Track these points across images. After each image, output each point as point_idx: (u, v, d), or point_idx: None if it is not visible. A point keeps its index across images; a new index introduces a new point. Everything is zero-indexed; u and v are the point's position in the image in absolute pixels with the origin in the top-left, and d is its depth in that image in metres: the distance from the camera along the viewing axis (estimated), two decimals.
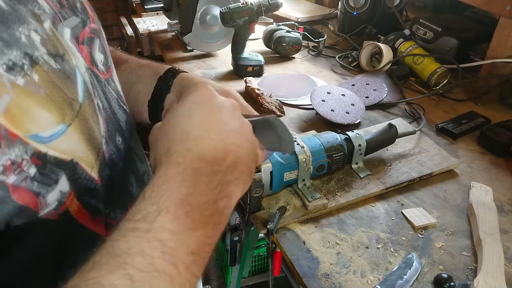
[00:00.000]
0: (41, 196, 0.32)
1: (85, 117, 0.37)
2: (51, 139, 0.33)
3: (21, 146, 0.30)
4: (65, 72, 0.36)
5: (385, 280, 0.63)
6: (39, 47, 0.33)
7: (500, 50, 1.08)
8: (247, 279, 1.55)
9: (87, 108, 0.38)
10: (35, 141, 0.31)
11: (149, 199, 0.33)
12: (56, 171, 0.33)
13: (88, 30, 0.43)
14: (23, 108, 0.31)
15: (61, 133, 0.34)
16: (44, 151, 0.32)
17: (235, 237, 1.35)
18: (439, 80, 1.16)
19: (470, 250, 0.69)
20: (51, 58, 0.35)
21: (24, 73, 0.31)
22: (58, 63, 0.35)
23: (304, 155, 0.74)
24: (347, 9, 1.48)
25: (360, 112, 1.00)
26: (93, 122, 0.39)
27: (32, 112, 0.31)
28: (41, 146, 0.32)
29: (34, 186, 0.32)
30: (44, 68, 0.33)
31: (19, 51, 0.31)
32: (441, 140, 0.97)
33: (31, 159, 0.31)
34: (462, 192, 0.81)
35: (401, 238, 0.71)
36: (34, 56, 0.32)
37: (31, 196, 0.32)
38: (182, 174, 0.34)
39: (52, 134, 0.33)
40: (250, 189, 0.69)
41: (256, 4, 1.16)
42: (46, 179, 0.33)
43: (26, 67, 0.31)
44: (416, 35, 1.33)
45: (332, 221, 0.74)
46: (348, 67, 1.30)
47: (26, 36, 0.32)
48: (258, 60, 1.22)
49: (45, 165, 0.32)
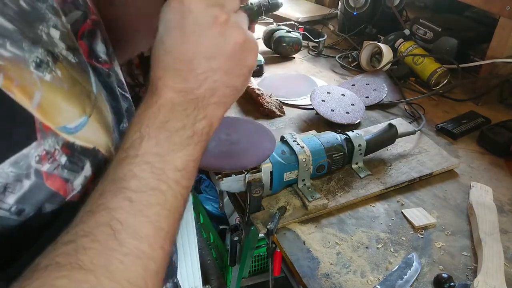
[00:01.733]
0: (69, 183, 0.36)
1: (100, 107, 0.40)
2: (77, 130, 0.36)
3: (53, 137, 0.33)
4: (81, 65, 0.38)
5: (385, 280, 0.63)
6: (58, 44, 0.35)
7: (500, 50, 1.08)
8: (247, 279, 1.55)
9: (99, 98, 0.41)
10: (64, 132, 0.34)
11: (133, 127, 0.36)
12: (82, 158, 0.37)
13: (89, 23, 0.44)
14: (51, 102, 0.33)
15: (84, 124, 0.37)
16: (72, 141, 0.35)
17: (235, 237, 1.35)
18: (439, 80, 1.16)
19: (470, 250, 0.69)
20: (70, 52, 0.37)
21: (50, 69, 0.33)
22: (76, 56, 0.38)
23: (304, 155, 0.74)
24: (347, 9, 1.48)
25: (360, 112, 1.00)
26: (106, 111, 0.42)
27: (59, 106, 0.34)
28: (69, 137, 0.35)
29: (65, 173, 0.35)
30: (64, 64, 0.35)
31: (43, 49, 0.33)
32: (441, 140, 0.97)
33: (61, 149, 0.34)
34: (462, 192, 0.81)
35: (401, 238, 0.71)
36: (55, 53, 0.34)
37: (61, 182, 0.35)
38: (157, 103, 0.36)
39: (77, 125, 0.36)
40: (250, 189, 0.69)
41: (256, 4, 1.16)
42: (74, 167, 0.36)
43: (51, 63, 0.34)
44: (416, 35, 1.33)
45: (332, 221, 0.74)
46: (348, 67, 1.30)
47: (46, 34, 0.34)
48: (258, 60, 1.22)
49: (74, 153, 0.36)
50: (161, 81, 0.36)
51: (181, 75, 0.36)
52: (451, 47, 1.21)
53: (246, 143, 0.72)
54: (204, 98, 0.37)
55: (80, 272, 0.29)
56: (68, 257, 0.30)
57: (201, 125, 0.37)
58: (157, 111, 0.35)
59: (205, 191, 1.91)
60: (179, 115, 0.36)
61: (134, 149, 0.34)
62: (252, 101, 1.08)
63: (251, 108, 1.06)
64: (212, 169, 0.69)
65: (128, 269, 0.31)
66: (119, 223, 0.32)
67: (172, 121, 0.35)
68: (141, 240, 0.32)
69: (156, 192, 0.34)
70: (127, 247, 0.31)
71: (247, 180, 0.70)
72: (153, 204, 0.33)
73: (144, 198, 0.33)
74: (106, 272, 0.30)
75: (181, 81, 0.36)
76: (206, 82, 0.36)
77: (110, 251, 0.31)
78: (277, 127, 0.99)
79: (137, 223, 0.32)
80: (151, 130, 0.35)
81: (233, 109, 1.07)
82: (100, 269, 0.30)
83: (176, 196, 0.35)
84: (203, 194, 1.89)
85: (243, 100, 1.10)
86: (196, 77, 0.36)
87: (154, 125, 0.35)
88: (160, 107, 0.35)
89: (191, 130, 0.36)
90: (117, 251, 0.31)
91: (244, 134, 0.74)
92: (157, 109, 0.35)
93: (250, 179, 0.70)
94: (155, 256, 0.33)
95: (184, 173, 0.36)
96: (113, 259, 0.30)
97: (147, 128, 0.35)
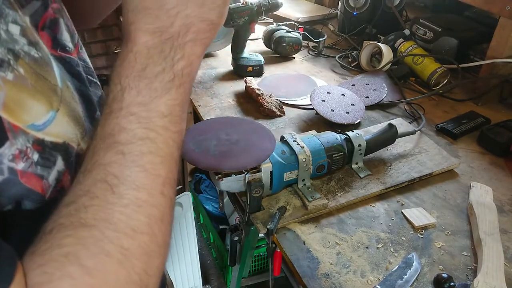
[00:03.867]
0: (44, 179, 0.36)
1: (67, 100, 0.40)
2: (45, 126, 0.36)
3: (24, 135, 0.34)
4: (44, 59, 0.38)
5: (385, 280, 0.63)
6: (18, 40, 0.35)
7: (500, 50, 1.08)
8: (247, 279, 1.55)
9: (66, 91, 0.41)
10: (33, 130, 0.34)
11: (113, 81, 0.35)
12: (53, 153, 0.37)
13: (51, 12, 0.43)
14: (17, 101, 0.33)
15: (52, 119, 0.37)
16: (41, 138, 0.35)
17: (235, 237, 1.35)
18: (439, 80, 1.16)
19: (470, 250, 0.69)
20: (32, 47, 0.37)
21: (12, 68, 0.33)
22: (38, 50, 0.37)
23: (304, 155, 0.74)
24: (347, 9, 1.48)
25: (360, 112, 1.00)
26: (74, 103, 0.42)
27: (25, 104, 0.34)
28: (38, 134, 0.35)
29: (38, 170, 0.35)
30: (26, 61, 0.35)
31: (3, 48, 0.33)
32: (441, 140, 0.97)
33: (33, 146, 0.34)
34: (462, 192, 0.81)
35: (401, 238, 0.71)
36: (15, 51, 0.34)
37: (36, 179, 0.35)
38: (132, 51, 0.35)
39: (45, 121, 0.36)
40: (250, 189, 0.69)
41: (256, 4, 1.16)
42: (46, 162, 0.36)
43: (12, 61, 0.33)
44: (416, 35, 1.33)
45: (332, 221, 0.74)
46: (348, 67, 1.30)
47: (4, 31, 0.34)
48: (258, 60, 1.22)
49: (44, 149, 0.36)
50: (133, 26, 0.35)
51: (151, 14, 0.34)
52: (451, 47, 1.21)
53: (246, 143, 0.72)
54: (179, 36, 0.35)
55: (84, 229, 0.30)
56: (70, 217, 0.30)
57: (180, 66, 0.35)
58: (133, 60, 0.34)
59: (205, 191, 1.91)
60: (156, 59, 0.34)
61: (117, 102, 0.34)
62: (252, 101, 1.08)
63: (251, 108, 1.06)
64: (212, 169, 0.69)
65: (130, 218, 0.31)
66: (114, 177, 0.32)
67: (150, 66, 0.34)
68: (138, 189, 0.32)
69: (146, 141, 0.34)
70: (126, 198, 0.32)
71: (247, 180, 0.70)
72: (145, 153, 0.33)
73: (135, 148, 0.33)
74: (109, 224, 0.30)
75: (153, 21, 0.34)
76: (178, 18, 0.35)
77: (110, 205, 0.31)
78: (277, 127, 0.99)
79: (132, 173, 0.33)
80: (130, 80, 0.34)
81: (233, 109, 1.07)
82: (102, 223, 0.30)
83: (167, 142, 0.35)
84: (203, 194, 1.89)
85: (243, 100, 1.11)
86: (167, 13, 0.34)
87: (132, 74, 0.34)
88: (136, 54, 0.34)
89: (171, 73, 0.35)
90: (116, 204, 0.31)
91: (244, 134, 0.74)
92: (133, 58, 0.34)
93: (250, 179, 0.70)
94: (156, 203, 0.33)
95: (171, 118, 0.35)
96: (114, 212, 0.31)
97: (126, 79, 0.34)
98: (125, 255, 0.30)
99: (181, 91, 0.36)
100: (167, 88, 0.35)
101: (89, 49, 2.43)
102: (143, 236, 0.32)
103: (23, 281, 0.28)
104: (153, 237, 0.33)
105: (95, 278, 0.29)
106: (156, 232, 0.33)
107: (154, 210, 0.33)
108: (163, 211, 0.34)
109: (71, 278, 0.28)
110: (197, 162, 0.69)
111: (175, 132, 0.36)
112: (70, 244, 0.29)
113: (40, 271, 0.28)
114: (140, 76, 0.34)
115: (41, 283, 0.28)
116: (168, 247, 0.35)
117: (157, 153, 0.34)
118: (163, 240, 0.34)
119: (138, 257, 0.31)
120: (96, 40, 2.42)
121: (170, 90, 0.35)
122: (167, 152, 0.35)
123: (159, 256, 0.33)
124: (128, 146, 0.33)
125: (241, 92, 1.14)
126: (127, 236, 0.31)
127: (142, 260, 0.32)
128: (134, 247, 0.31)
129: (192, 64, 0.36)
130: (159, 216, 0.34)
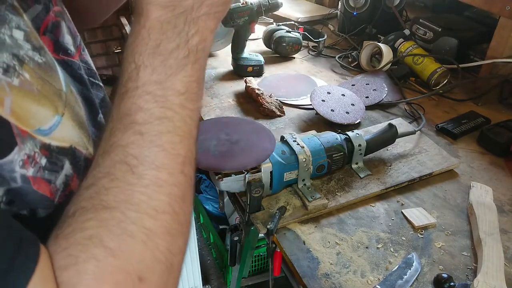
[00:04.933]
0: (52, 183, 0.36)
1: (71, 104, 0.40)
2: (51, 131, 0.36)
3: (31, 140, 0.33)
4: (49, 64, 0.38)
5: (385, 280, 0.63)
6: (23, 45, 0.35)
7: (500, 50, 1.08)
8: (247, 279, 1.55)
9: (70, 95, 0.41)
10: (40, 135, 0.34)
11: (127, 59, 0.34)
12: (60, 158, 0.37)
13: (52, 15, 0.43)
14: (23, 106, 0.33)
15: (58, 124, 0.37)
16: (48, 142, 0.35)
17: (235, 237, 1.35)
18: (439, 80, 1.16)
19: (470, 250, 0.69)
20: (36, 52, 0.37)
21: (17, 73, 0.33)
22: (42, 55, 0.37)
23: (304, 155, 0.74)
24: (347, 9, 1.48)
25: (360, 112, 1.00)
26: (78, 107, 0.42)
27: (31, 109, 0.34)
28: (45, 138, 0.35)
29: (46, 174, 0.35)
30: (31, 66, 0.35)
31: (7, 53, 0.33)
32: (441, 140, 0.97)
33: (40, 151, 0.34)
34: (462, 192, 0.81)
35: (401, 238, 0.71)
36: (20, 56, 0.34)
37: (45, 184, 0.35)
38: (145, 27, 0.34)
39: (51, 126, 0.36)
40: (250, 189, 0.69)
41: (256, 4, 1.16)
42: (54, 167, 0.36)
43: (17, 67, 0.33)
44: (416, 35, 1.33)
45: (332, 221, 0.74)
46: (348, 67, 1.30)
47: (9, 37, 0.34)
48: (258, 60, 1.22)
49: (52, 154, 0.36)
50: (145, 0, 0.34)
51: None
52: (451, 47, 1.21)
53: (246, 143, 0.72)
54: (192, 10, 0.34)
55: (105, 212, 0.30)
56: (91, 200, 0.31)
57: (195, 41, 0.34)
58: (146, 36, 0.33)
59: (205, 191, 1.91)
60: (170, 35, 0.34)
61: (132, 81, 0.33)
62: (252, 101, 1.08)
63: (251, 108, 1.06)
64: (212, 169, 0.69)
65: (151, 198, 0.31)
66: (134, 158, 0.32)
67: (164, 42, 0.33)
68: (158, 169, 0.32)
69: (163, 121, 0.33)
70: (147, 179, 0.32)
71: (247, 180, 0.70)
72: (164, 132, 0.33)
73: (153, 128, 0.33)
74: (130, 205, 0.31)
75: None
76: None
77: (130, 186, 0.31)
78: (277, 127, 0.99)
79: (151, 154, 0.32)
80: (144, 57, 0.33)
81: (233, 109, 1.07)
82: (123, 204, 0.31)
83: (185, 120, 0.34)
84: (203, 194, 1.89)
85: (243, 100, 1.11)
86: None
87: (146, 51, 0.33)
88: (149, 30, 0.33)
89: (186, 49, 0.34)
90: (137, 184, 0.31)
91: (244, 134, 0.74)
92: (146, 34, 0.34)
93: (250, 179, 0.70)
94: (176, 182, 0.33)
95: (188, 96, 0.35)
96: (134, 193, 0.31)
97: (140, 57, 0.33)
98: (148, 235, 0.31)
99: (196, 67, 0.35)
100: (182, 65, 0.34)
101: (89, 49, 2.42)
102: (165, 215, 0.32)
103: (49, 262, 0.28)
104: (175, 216, 0.33)
105: (119, 259, 0.29)
106: (177, 211, 0.33)
107: (175, 189, 0.33)
108: (183, 190, 0.34)
109: (96, 260, 0.28)
110: (197, 162, 0.68)
111: (192, 110, 0.35)
112: (92, 226, 0.29)
113: (65, 254, 0.29)
114: (154, 53, 0.33)
115: (67, 266, 0.28)
116: (190, 226, 0.35)
117: (175, 132, 0.34)
118: (185, 219, 0.34)
119: (161, 236, 0.31)
120: (96, 40, 2.41)
121: (186, 67, 0.34)
122: (186, 130, 0.35)
123: (181, 235, 0.34)
124: (145, 126, 0.33)
125: (241, 92, 1.14)
126: (149, 216, 0.31)
127: (165, 240, 0.32)
128: (156, 227, 0.31)
129: (206, 40, 0.36)
130: (180, 195, 0.34)
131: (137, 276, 0.29)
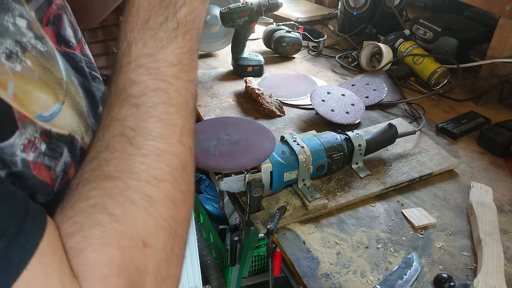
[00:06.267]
0: (52, 170, 0.36)
1: (72, 93, 0.41)
2: (52, 118, 0.36)
3: (32, 126, 0.34)
4: (50, 53, 0.38)
5: (385, 280, 0.63)
6: (26, 33, 0.36)
7: (500, 50, 1.08)
8: (247, 279, 1.55)
9: (70, 85, 0.41)
10: (41, 121, 0.35)
11: (120, 37, 0.35)
12: (60, 145, 0.38)
13: (54, 8, 0.43)
14: (25, 92, 0.34)
15: (58, 111, 0.37)
16: (48, 129, 0.36)
17: (235, 237, 1.35)
18: (439, 80, 1.16)
19: (470, 250, 0.69)
20: (38, 41, 0.37)
21: (20, 60, 0.34)
22: (44, 44, 0.38)
23: (304, 155, 0.74)
24: (347, 9, 1.48)
25: (360, 112, 1.00)
26: (78, 98, 0.42)
27: (33, 95, 0.34)
28: (46, 125, 0.36)
29: (46, 160, 0.36)
30: (33, 53, 0.36)
31: (11, 40, 0.33)
32: (441, 140, 0.97)
33: (40, 137, 0.35)
34: (462, 192, 0.81)
35: (401, 238, 0.71)
36: (23, 43, 0.35)
37: (46, 170, 0.36)
38: (134, 5, 0.35)
39: (52, 113, 0.36)
40: (250, 189, 0.69)
41: (256, 4, 1.16)
42: (54, 153, 0.37)
43: (20, 53, 0.34)
44: (416, 35, 1.33)
45: (332, 221, 0.74)
46: (348, 67, 1.30)
47: (12, 24, 0.34)
48: (258, 60, 1.22)
49: (52, 140, 0.36)
50: None
51: None
52: (451, 47, 1.21)
53: (246, 143, 0.72)
54: None
55: (107, 181, 0.31)
56: (93, 172, 0.32)
57: (183, 13, 0.35)
58: (136, 14, 0.35)
59: (205, 191, 1.91)
60: (158, 9, 0.34)
61: (125, 57, 0.34)
62: (252, 101, 1.08)
63: (251, 108, 1.06)
64: (212, 169, 0.69)
65: (151, 167, 0.32)
66: (131, 129, 0.33)
67: (153, 17, 0.34)
68: (156, 139, 0.33)
69: (157, 92, 0.34)
70: (145, 149, 0.33)
71: (247, 180, 0.70)
72: (158, 103, 0.34)
73: (148, 100, 0.33)
74: (131, 175, 0.32)
75: None
76: None
77: (130, 156, 0.32)
78: (277, 127, 0.99)
79: (148, 125, 0.33)
80: (135, 33, 0.34)
81: (233, 109, 1.07)
82: (124, 173, 0.32)
83: (180, 91, 0.35)
84: (203, 194, 1.89)
85: (243, 100, 1.11)
86: None
87: (137, 28, 0.34)
88: (138, 7, 0.35)
89: (175, 21, 0.35)
90: (136, 155, 0.32)
91: (244, 134, 0.74)
92: (135, 12, 0.35)
93: (250, 179, 0.70)
94: (176, 151, 0.34)
95: (181, 67, 0.35)
96: (134, 163, 0.32)
97: (131, 33, 0.34)
98: (149, 202, 0.31)
99: (187, 38, 0.36)
100: (172, 36, 0.35)
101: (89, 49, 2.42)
102: (166, 184, 0.33)
103: (56, 232, 0.29)
104: (176, 185, 0.33)
105: (123, 225, 0.30)
106: (178, 180, 0.34)
107: (174, 158, 0.34)
108: (183, 160, 0.35)
109: (101, 226, 0.29)
110: (197, 162, 0.68)
111: (186, 81, 0.36)
112: (96, 195, 0.30)
113: (71, 222, 0.29)
114: (144, 28, 0.34)
115: (73, 233, 0.29)
116: (193, 196, 0.36)
117: (170, 103, 0.34)
118: (187, 189, 0.35)
119: (163, 204, 0.32)
120: (96, 40, 2.42)
121: (176, 39, 0.35)
122: (181, 101, 0.35)
123: (184, 204, 0.34)
124: (140, 98, 0.33)
125: (241, 92, 1.14)
126: (150, 185, 0.32)
127: (168, 207, 0.33)
128: (157, 194, 0.32)
129: (196, 11, 0.36)
130: (180, 164, 0.34)
131: (142, 241, 0.30)
